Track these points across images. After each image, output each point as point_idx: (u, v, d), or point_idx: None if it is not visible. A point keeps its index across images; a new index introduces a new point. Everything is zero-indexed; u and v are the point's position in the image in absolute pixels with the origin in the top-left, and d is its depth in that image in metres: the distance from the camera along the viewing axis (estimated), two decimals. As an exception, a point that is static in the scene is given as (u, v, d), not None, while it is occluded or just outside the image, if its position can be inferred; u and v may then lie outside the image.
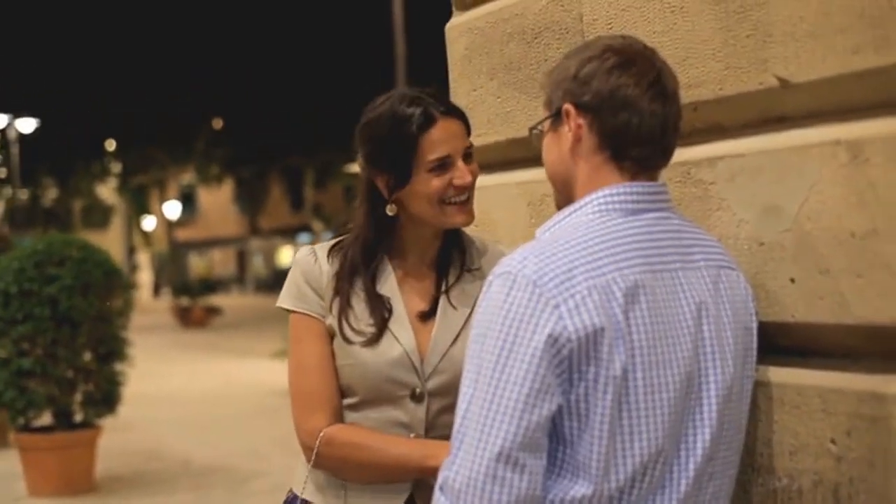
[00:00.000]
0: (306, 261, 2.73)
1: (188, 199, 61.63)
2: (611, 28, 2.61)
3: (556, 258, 1.97)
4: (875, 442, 2.05)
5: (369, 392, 2.62)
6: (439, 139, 2.62)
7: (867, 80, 2.05)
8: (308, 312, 2.68)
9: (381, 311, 2.65)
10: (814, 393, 2.17)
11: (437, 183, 2.61)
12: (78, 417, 9.60)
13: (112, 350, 9.62)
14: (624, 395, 1.95)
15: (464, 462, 1.92)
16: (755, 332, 2.19)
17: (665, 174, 2.45)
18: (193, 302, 33.65)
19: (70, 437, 9.46)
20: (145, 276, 55.94)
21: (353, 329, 2.63)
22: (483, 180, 3.14)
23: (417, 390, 2.61)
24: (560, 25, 2.77)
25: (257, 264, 66.87)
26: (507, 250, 2.77)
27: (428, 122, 2.61)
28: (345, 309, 2.65)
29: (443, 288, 2.69)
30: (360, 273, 2.68)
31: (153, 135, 40.11)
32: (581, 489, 1.95)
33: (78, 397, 9.47)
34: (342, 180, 46.16)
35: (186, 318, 33.24)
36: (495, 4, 3.03)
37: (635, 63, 2.08)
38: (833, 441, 2.13)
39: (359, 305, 2.65)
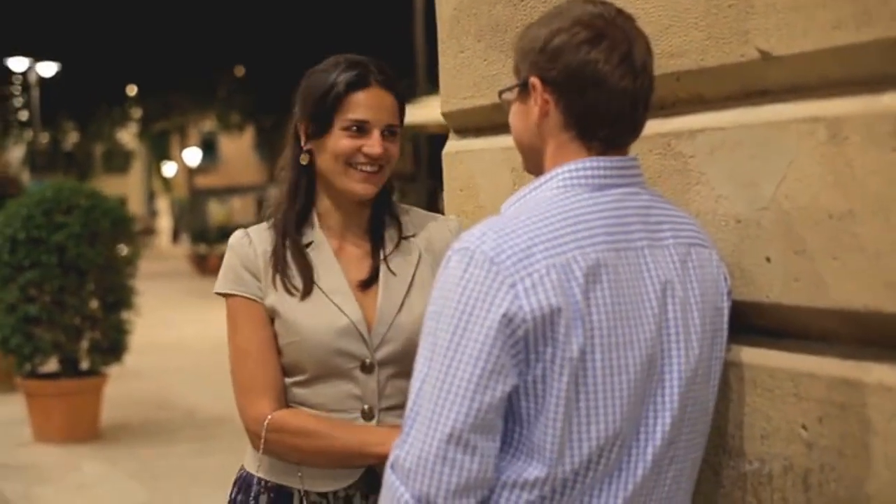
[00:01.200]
0: (240, 244, 2.71)
1: (209, 147, 61.55)
2: (597, -7, 2.53)
3: (516, 235, 1.91)
4: (846, 430, 1.99)
5: (318, 367, 2.60)
6: (364, 103, 2.64)
7: (847, 56, 1.97)
8: (246, 295, 2.66)
9: (309, 269, 2.65)
10: (786, 376, 2.11)
11: (346, 143, 2.63)
12: (84, 365, 9.63)
13: (119, 298, 9.65)
14: (581, 377, 1.90)
15: (415, 442, 1.87)
16: (726, 312, 2.13)
17: (646, 145, 2.40)
18: (210, 249, 33.70)
19: (76, 384, 9.51)
20: (164, 223, 56.09)
21: (291, 285, 2.62)
22: (468, 144, 3.10)
23: (367, 361, 2.59)
24: (547, -12, 2.69)
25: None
26: (446, 219, 2.77)
27: (360, 83, 2.64)
28: (282, 268, 2.64)
29: (381, 256, 2.68)
30: (291, 234, 2.67)
31: (175, 81, 39.94)
32: (535, 471, 1.90)
33: (84, 345, 9.49)
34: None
35: (203, 266, 33.29)
36: (485, -35, 2.95)
37: (605, 36, 2.00)
38: (804, 427, 2.08)
39: (294, 263, 2.65)
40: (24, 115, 41.25)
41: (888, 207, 1.89)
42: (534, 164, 2.14)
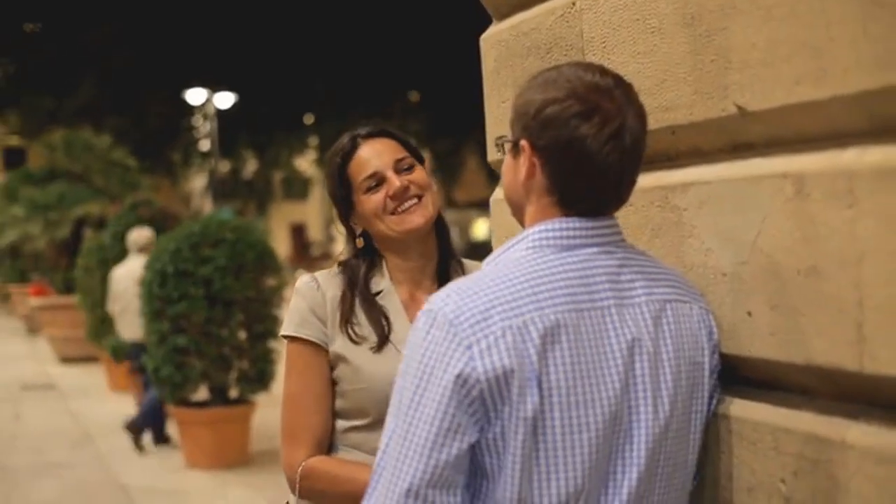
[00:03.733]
0: (309, 288, 2.78)
1: (386, 172, 62.17)
2: (604, 46, 2.57)
3: (477, 297, 1.97)
4: (816, 486, 1.99)
5: (382, 412, 2.66)
6: (365, 160, 2.78)
7: (808, 112, 1.98)
8: (311, 339, 2.73)
9: (380, 319, 2.70)
10: (767, 430, 2.11)
11: (373, 200, 2.75)
12: (233, 393, 9.90)
13: (266, 329, 9.87)
14: (541, 435, 1.94)
15: (378, 496, 1.95)
16: (707, 366, 2.14)
17: (647, 198, 2.43)
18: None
19: (225, 413, 9.78)
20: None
21: (357, 335, 2.70)
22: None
23: None
24: (566, 41, 2.73)
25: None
26: None
27: (352, 148, 2.80)
28: (351, 316, 2.71)
29: None
30: (360, 282, 2.75)
31: (350, 110, 40.66)
32: None
33: (233, 374, 9.76)
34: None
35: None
36: (518, 17, 3.00)
37: (598, 110, 2.01)
38: (783, 481, 2.07)
39: (362, 315, 2.72)
40: (205, 145, 42.40)
41: (848, 265, 1.89)
42: (519, 219, 2.19)
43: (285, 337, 2.79)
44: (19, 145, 46.67)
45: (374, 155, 2.78)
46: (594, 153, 2.00)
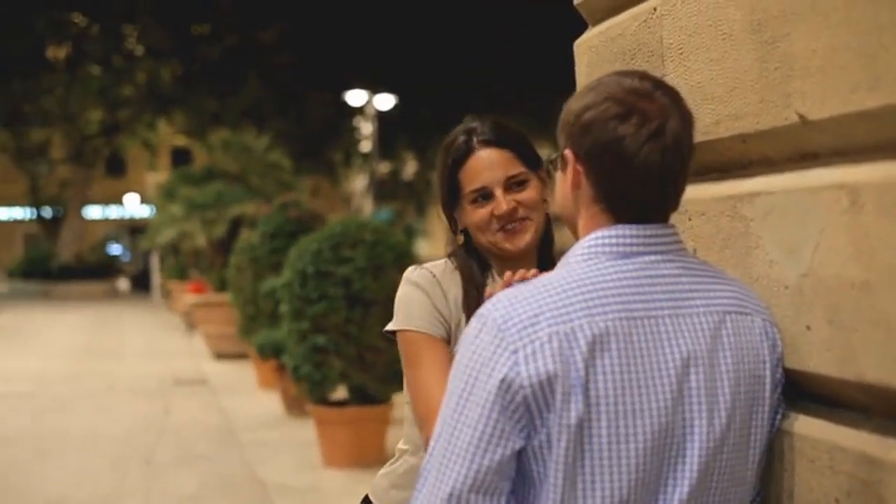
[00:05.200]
0: (430, 283, 2.74)
1: (547, 174, 62.19)
2: (681, 52, 2.53)
3: (527, 303, 1.97)
4: (868, 507, 1.93)
5: None
6: (475, 170, 2.71)
7: (864, 122, 1.92)
8: (433, 333, 2.68)
9: None
10: (824, 448, 2.06)
11: (479, 214, 2.71)
12: (371, 393, 9.99)
13: (405, 329, 9.90)
14: (587, 443, 1.92)
15: (424, 499, 1.96)
16: (768, 380, 2.10)
17: (718, 207, 2.39)
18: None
19: (363, 412, 9.86)
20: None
21: None
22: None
23: None
24: (648, 47, 2.70)
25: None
26: None
27: (466, 153, 2.72)
28: None
29: None
30: (479, 284, 2.73)
31: (510, 110, 40.69)
32: None
33: (371, 374, 9.84)
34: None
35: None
36: (607, 23, 2.98)
37: (635, 111, 2.01)
38: (837, 500, 2.02)
39: None
40: (366, 146, 42.90)
41: (898, 280, 1.83)
42: (573, 233, 2.18)
43: (406, 330, 2.71)
44: (186, 146, 47.94)
45: (486, 167, 2.71)
46: (634, 153, 1.99)
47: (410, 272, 2.81)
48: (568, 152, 2.10)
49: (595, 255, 2.04)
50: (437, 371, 2.64)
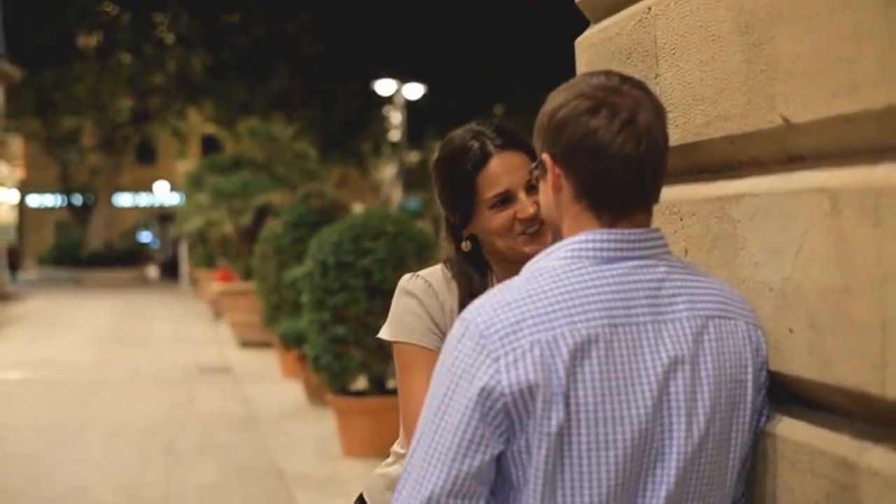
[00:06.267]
0: (426, 293, 2.72)
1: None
2: (674, 53, 2.53)
3: (510, 308, 1.97)
4: (845, 511, 1.93)
5: None
6: (496, 174, 2.66)
7: (844, 126, 1.92)
8: (427, 346, 2.67)
9: None
10: (804, 451, 2.06)
11: (500, 218, 2.66)
12: (391, 384, 10.00)
13: (424, 321, 9.91)
14: (567, 451, 1.93)
15: (404, 502, 1.97)
16: (750, 384, 2.10)
17: (707, 208, 2.39)
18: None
19: (382, 402, 9.86)
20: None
21: None
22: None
23: None
24: (643, 47, 2.70)
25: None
26: None
27: (483, 158, 2.67)
28: None
29: None
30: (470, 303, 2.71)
31: (540, 100, 40.59)
32: None
33: (391, 365, 9.82)
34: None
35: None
36: (606, 22, 2.98)
37: (605, 105, 2.02)
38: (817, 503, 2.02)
39: None
40: (394, 136, 42.95)
41: (874, 286, 1.83)
42: (559, 239, 2.18)
43: (401, 343, 2.72)
44: (215, 134, 48.09)
45: (506, 171, 2.68)
46: (608, 144, 2.00)
47: (406, 281, 2.79)
48: (546, 156, 2.11)
49: (577, 258, 2.03)
50: (426, 384, 2.65)
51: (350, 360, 9.66)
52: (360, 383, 10.11)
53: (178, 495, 8.58)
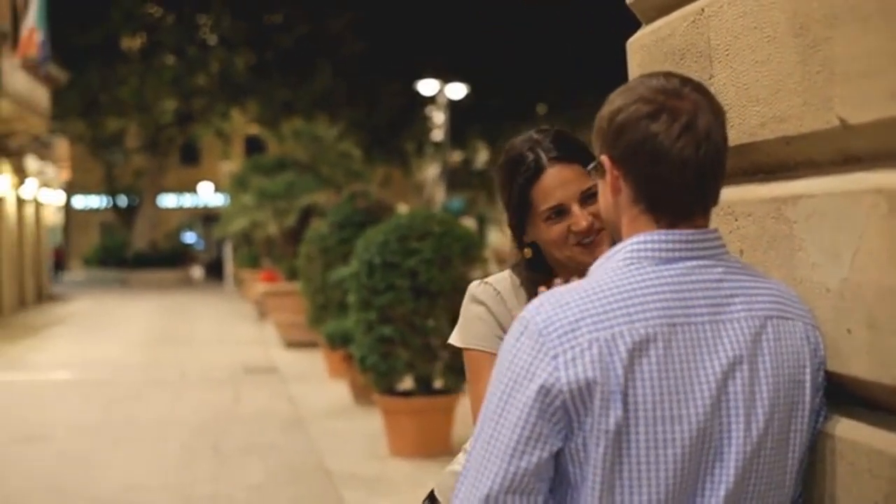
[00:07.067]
0: (494, 300, 2.75)
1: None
2: (728, 54, 2.53)
3: (568, 308, 1.99)
4: (906, 511, 1.93)
5: None
6: (549, 188, 2.69)
7: (902, 127, 1.92)
8: (495, 352, 2.68)
9: None
10: (863, 451, 2.06)
11: (555, 230, 2.68)
12: (438, 384, 10.03)
13: (470, 320, 9.91)
14: (625, 449, 1.95)
15: (462, 498, 2.00)
16: (808, 384, 2.10)
17: (763, 209, 2.39)
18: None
19: (429, 402, 9.92)
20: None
21: None
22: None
23: None
24: (696, 48, 2.71)
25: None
26: None
27: (537, 171, 2.69)
28: None
29: None
30: None
31: (583, 99, 40.47)
32: None
33: (438, 364, 9.88)
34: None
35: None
36: (658, 22, 2.98)
37: (665, 109, 2.03)
38: (877, 505, 2.02)
39: None
40: (437, 135, 42.95)
41: (934, 286, 1.83)
42: (618, 239, 2.19)
43: (469, 349, 2.75)
44: (259, 134, 48.30)
45: (560, 185, 2.69)
46: (668, 149, 2.01)
47: (475, 287, 2.83)
48: (604, 158, 2.12)
49: (637, 259, 2.05)
50: None
51: (396, 360, 9.70)
52: (407, 383, 10.13)
53: (226, 495, 8.64)
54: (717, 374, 1.99)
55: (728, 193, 2.54)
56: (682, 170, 2.03)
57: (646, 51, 3.05)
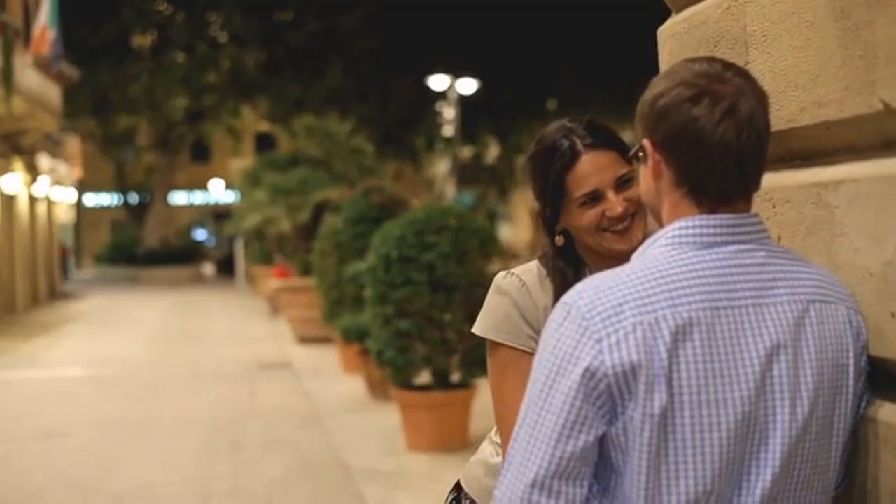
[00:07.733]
0: (519, 292, 2.74)
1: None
2: (765, 40, 2.53)
3: (611, 292, 1.99)
4: (953, 494, 1.93)
5: None
6: (585, 174, 2.69)
7: (950, 111, 1.92)
8: (521, 347, 2.69)
9: None
10: (908, 436, 2.06)
11: (590, 215, 2.68)
12: (455, 378, 10.03)
13: (487, 315, 9.91)
14: (671, 433, 1.95)
15: (508, 485, 2.00)
16: (851, 368, 2.10)
17: (803, 195, 2.39)
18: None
19: (446, 397, 9.91)
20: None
21: None
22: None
23: None
24: (731, 35, 2.70)
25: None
26: None
27: (572, 158, 2.69)
28: None
29: None
30: None
31: (593, 95, 40.43)
32: None
33: (455, 359, 9.87)
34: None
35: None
36: (690, 10, 2.98)
37: (707, 93, 2.03)
38: (922, 488, 2.02)
39: None
40: (448, 131, 42.95)
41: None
42: (659, 222, 2.20)
43: (493, 340, 2.74)
44: (269, 131, 48.34)
45: (596, 171, 2.70)
46: (709, 133, 2.01)
47: (501, 279, 2.81)
48: (646, 142, 2.13)
49: (679, 244, 2.05)
50: (520, 388, 2.65)
51: (414, 355, 9.71)
52: (424, 377, 10.13)
53: (245, 490, 8.65)
54: (762, 358, 1.99)
55: (765, 180, 2.52)
56: (724, 154, 2.03)
57: (678, 39, 3.05)
